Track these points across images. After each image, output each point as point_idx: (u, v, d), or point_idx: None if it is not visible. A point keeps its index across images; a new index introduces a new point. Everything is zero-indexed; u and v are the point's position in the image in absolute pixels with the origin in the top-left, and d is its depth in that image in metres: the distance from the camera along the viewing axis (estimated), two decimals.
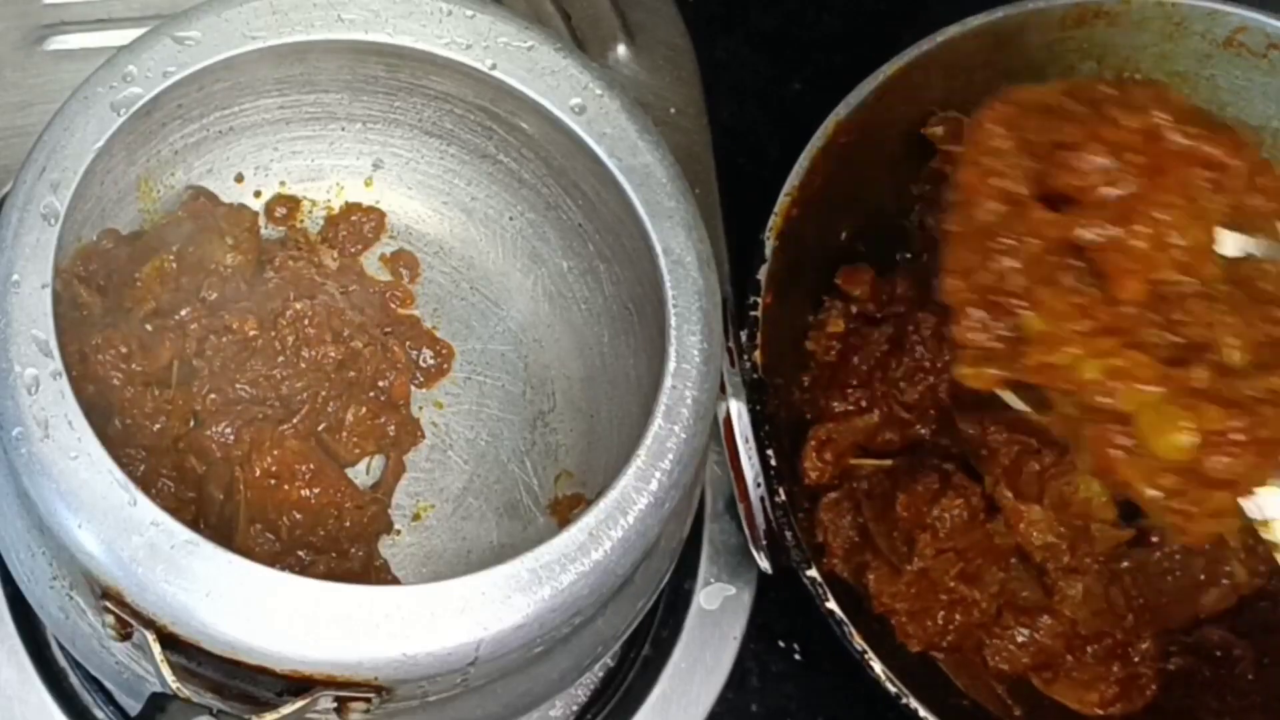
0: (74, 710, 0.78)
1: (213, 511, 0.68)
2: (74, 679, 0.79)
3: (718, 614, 0.82)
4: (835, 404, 0.79)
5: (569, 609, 0.61)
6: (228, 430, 0.69)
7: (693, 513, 0.76)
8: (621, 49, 0.93)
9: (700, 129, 0.92)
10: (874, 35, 0.97)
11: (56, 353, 0.61)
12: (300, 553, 0.69)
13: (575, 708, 0.81)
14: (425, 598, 0.59)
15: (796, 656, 0.83)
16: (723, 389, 0.73)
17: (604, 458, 0.73)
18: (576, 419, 0.76)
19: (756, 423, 0.73)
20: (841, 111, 0.78)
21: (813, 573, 0.71)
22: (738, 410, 0.73)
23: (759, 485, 0.72)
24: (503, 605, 0.60)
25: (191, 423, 0.69)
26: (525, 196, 0.76)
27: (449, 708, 0.67)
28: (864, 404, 0.79)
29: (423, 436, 0.75)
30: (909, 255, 0.84)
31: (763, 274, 0.76)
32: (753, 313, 0.75)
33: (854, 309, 0.81)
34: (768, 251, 0.76)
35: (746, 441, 0.73)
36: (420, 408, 0.76)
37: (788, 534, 0.72)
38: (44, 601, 0.67)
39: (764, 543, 0.73)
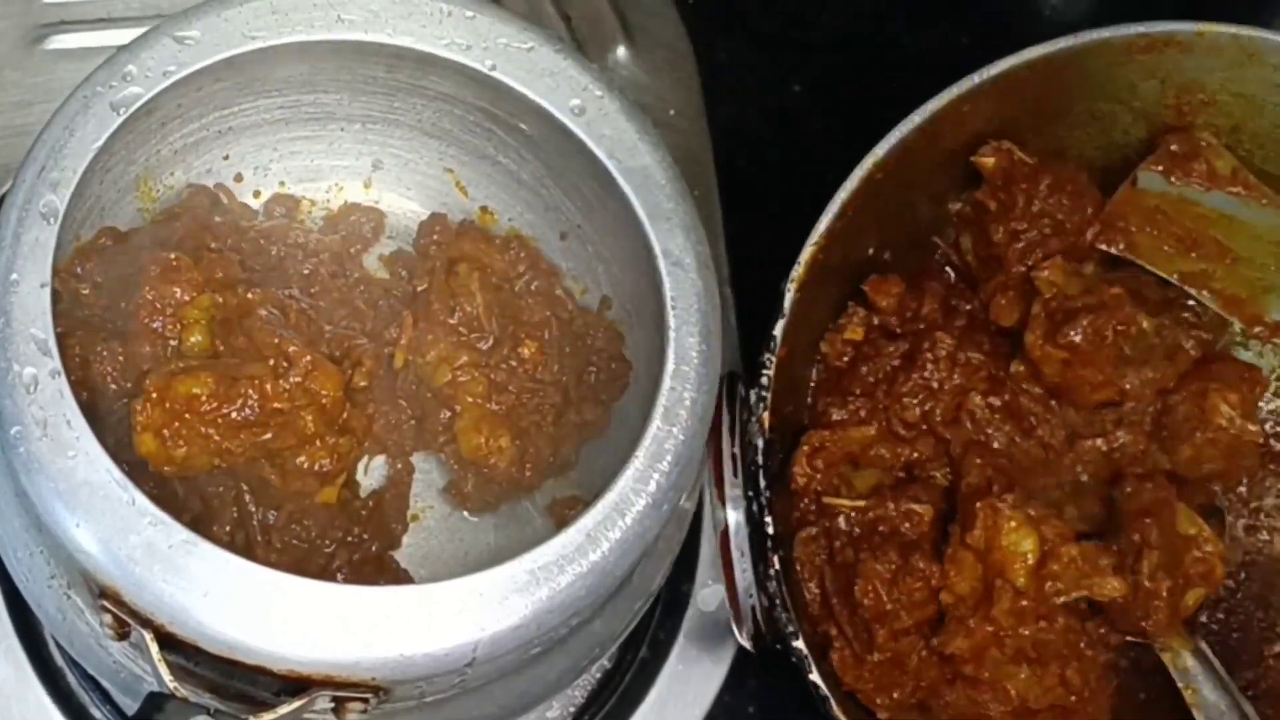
0: (71, 709, 0.78)
1: (228, 518, 0.68)
2: (71, 678, 0.79)
3: (715, 615, 0.82)
4: (834, 411, 0.78)
5: (566, 610, 0.61)
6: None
7: (691, 514, 0.76)
8: (621, 50, 0.93)
9: (699, 131, 0.92)
10: (874, 37, 0.97)
11: (55, 352, 0.61)
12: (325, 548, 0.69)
13: (573, 709, 0.81)
14: (423, 598, 0.59)
15: (793, 659, 0.83)
16: (722, 499, 0.72)
17: (602, 459, 0.73)
18: None
19: (755, 535, 0.72)
20: (880, 151, 0.75)
21: (799, 644, 0.70)
22: (735, 524, 0.72)
23: (750, 596, 0.72)
24: (500, 606, 0.60)
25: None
26: (524, 197, 0.76)
27: (446, 708, 0.67)
28: (863, 414, 0.78)
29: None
30: (946, 270, 0.83)
31: (779, 329, 0.73)
32: (765, 371, 0.73)
33: (875, 320, 0.80)
34: (787, 304, 0.74)
35: (742, 555, 0.72)
36: None
37: (779, 613, 0.71)
38: (42, 601, 0.67)
39: (749, 630, 0.73)
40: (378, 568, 0.71)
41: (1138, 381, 0.77)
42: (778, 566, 0.71)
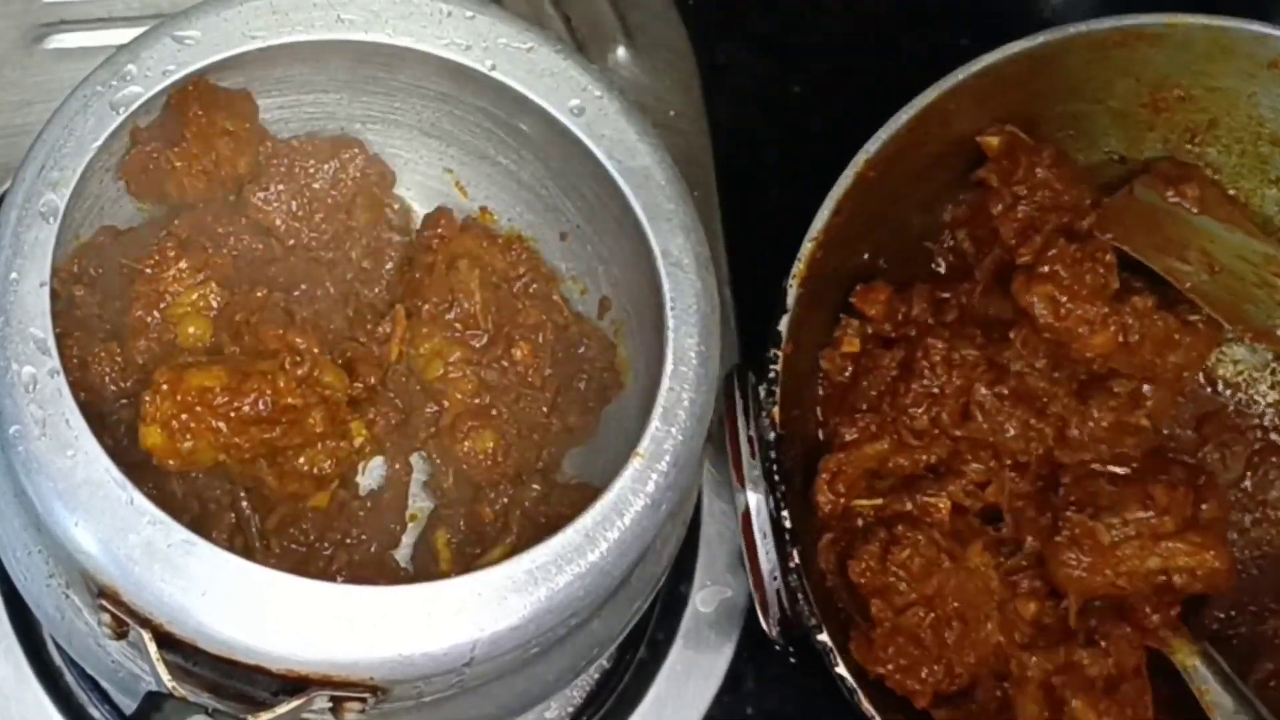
0: (70, 709, 0.78)
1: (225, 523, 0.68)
2: (70, 677, 0.79)
3: (713, 617, 0.82)
4: (845, 431, 0.78)
5: (565, 610, 0.61)
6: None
7: (689, 515, 0.76)
8: (621, 51, 0.93)
9: (699, 131, 0.92)
10: (873, 38, 0.97)
11: (54, 351, 0.61)
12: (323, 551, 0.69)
13: (571, 709, 0.81)
14: (421, 598, 0.60)
15: (792, 660, 0.83)
16: (741, 481, 0.72)
17: (601, 459, 0.73)
18: None
19: (775, 516, 0.72)
20: (871, 148, 0.76)
21: (823, 637, 0.70)
22: (756, 505, 0.72)
23: (775, 579, 0.71)
24: (499, 606, 0.60)
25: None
26: (524, 198, 0.76)
27: (444, 708, 0.67)
28: (873, 429, 0.78)
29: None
30: (936, 271, 0.83)
31: (784, 325, 0.74)
32: (773, 367, 0.74)
33: (869, 329, 0.81)
34: (790, 300, 0.75)
35: (765, 537, 0.72)
36: None
37: (801, 604, 0.71)
38: (40, 600, 0.67)
39: (775, 615, 0.72)
40: (377, 568, 0.71)
41: (1133, 317, 0.78)
42: (797, 560, 0.71)
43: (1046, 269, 0.78)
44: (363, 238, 0.75)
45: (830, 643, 0.71)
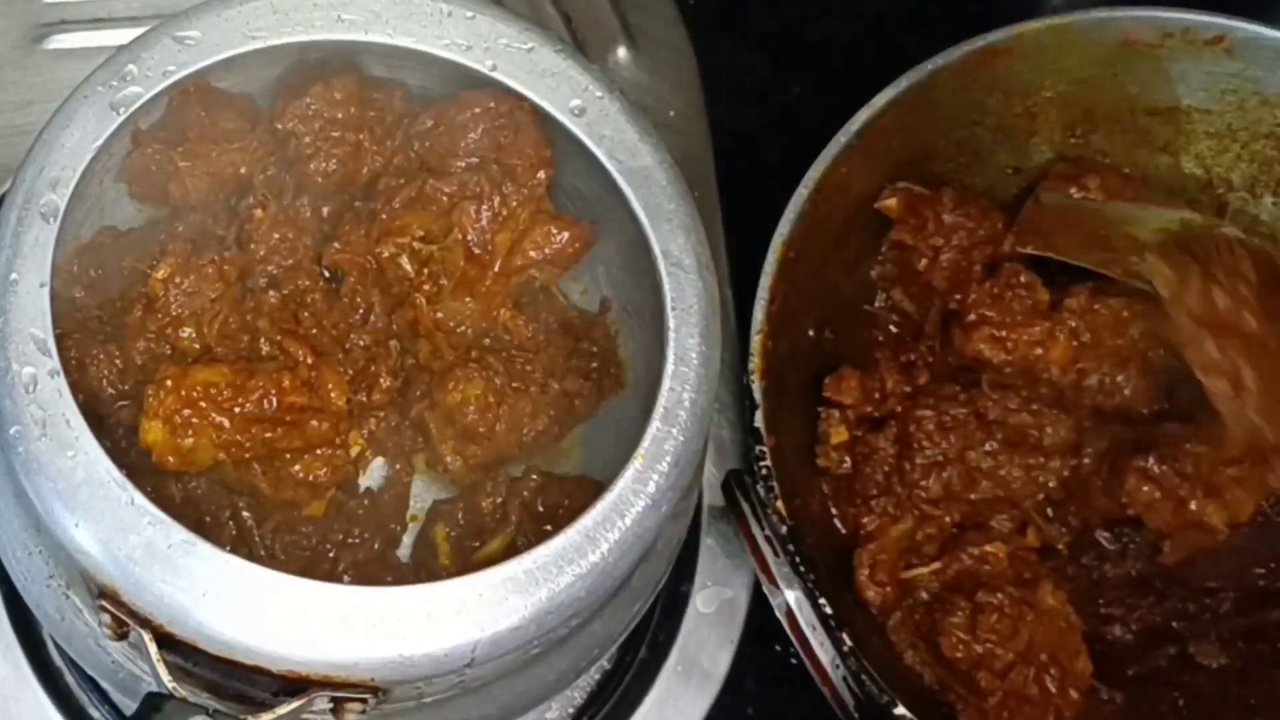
0: (70, 709, 0.78)
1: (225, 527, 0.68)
2: (70, 678, 0.79)
3: (714, 617, 0.82)
4: (864, 520, 0.79)
5: (566, 611, 0.61)
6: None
7: (690, 515, 0.76)
8: (622, 51, 0.93)
9: (700, 132, 0.93)
10: (874, 38, 0.97)
11: (54, 351, 0.61)
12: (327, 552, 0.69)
13: (571, 710, 0.81)
14: (422, 599, 0.59)
15: (793, 661, 0.83)
16: (773, 582, 0.72)
17: (601, 459, 0.73)
18: None
19: (816, 607, 0.72)
20: (784, 229, 0.78)
21: (900, 710, 0.70)
22: (797, 601, 0.72)
23: (838, 666, 0.71)
24: (499, 606, 0.60)
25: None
26: None
27: (445, 709, 0.67)
28: (892, 510, 0.79)
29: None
30: (889, 332, 0.84)
31: (760, 420, 0.75)
32: (763, 464, 0.75)
33: (851, 414, 0.81)
34: (758, 395, 0.76)
35: (814, 629, 0.72)
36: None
37: (869, 684, 0.71)
38: (40, 600, 0.67)
39: (850, 701, 0.72)
40: (382, 566, 0.70)
41: (1074, 318, 0.80)
42: (849, 643, 0.71)
43: (974, 316, 0.81)
44: None
45: (910, 715, 0.70)
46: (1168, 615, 0.80)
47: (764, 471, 0.74)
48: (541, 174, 0.70)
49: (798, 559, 0.73)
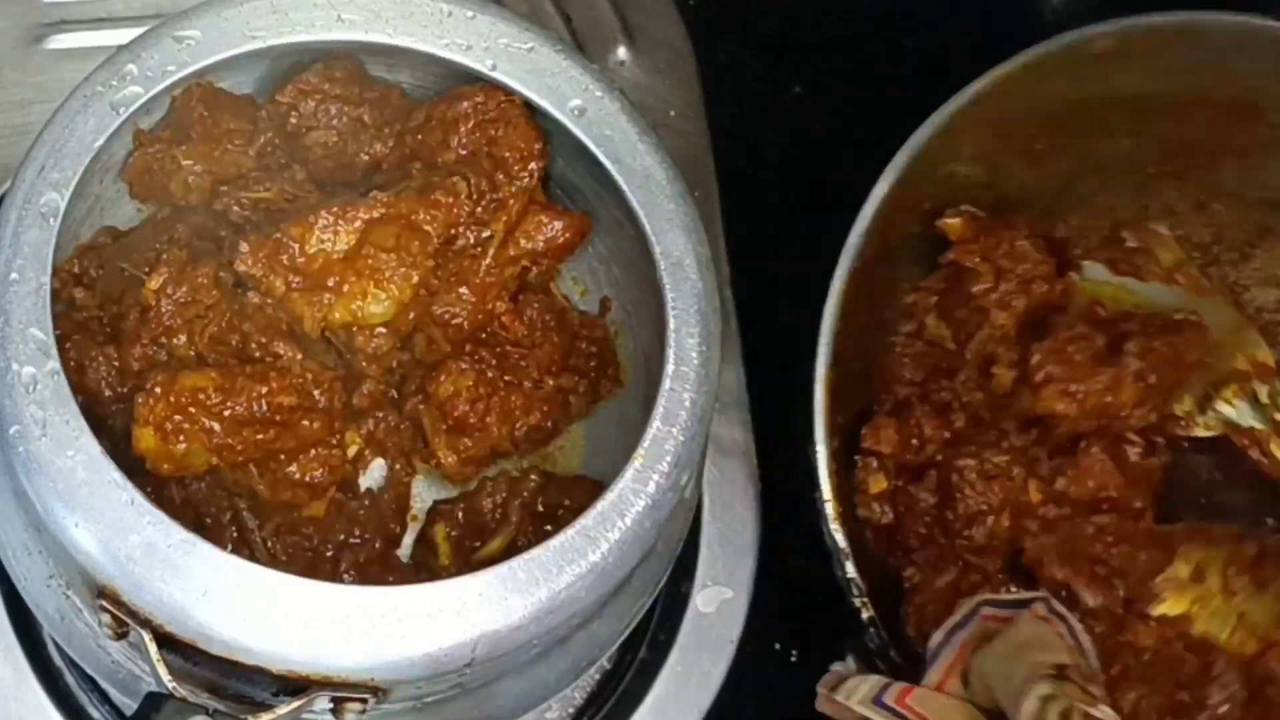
0: (69, 709, 0.78)
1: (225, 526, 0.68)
2: (70, 678, 0.79)
3: (714, 617, 0.82)
4: (909, 573, 0.78)
5: (566, 610, 0.61)
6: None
7: (690, 515, 0.76)
8: (622, 51, 0.93)
9: (700, 132, 0.92)
10: (875, 38, 0.97)
11: (54, 351, 0.61)
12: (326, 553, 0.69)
13: (571, 710, 0.81)
14: (422, 598, 0.59)
15: (793, 660, 0.83)
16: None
17: (600, 459, 0.73)
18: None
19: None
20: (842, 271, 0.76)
21: None
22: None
23: None
24: (499, 606, 0.60)
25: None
26: None
27: (445, 709, 0.67)
28: (934, 560, 0.78)
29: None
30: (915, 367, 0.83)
31: (852, 570, 0.74)
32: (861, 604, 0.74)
33: (890, 464, 0.79)
34: (842, 542, 0.74)
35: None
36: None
37: None
38: (41, 600, 0.67)
39: None
40: (383, 566, 0.70)
41: (1137, 358, 0.79)
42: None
43: (1040, 376, 0.78)
44: None
45: None
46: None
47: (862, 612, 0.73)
48: (533, 165, 0.70)
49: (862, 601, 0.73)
